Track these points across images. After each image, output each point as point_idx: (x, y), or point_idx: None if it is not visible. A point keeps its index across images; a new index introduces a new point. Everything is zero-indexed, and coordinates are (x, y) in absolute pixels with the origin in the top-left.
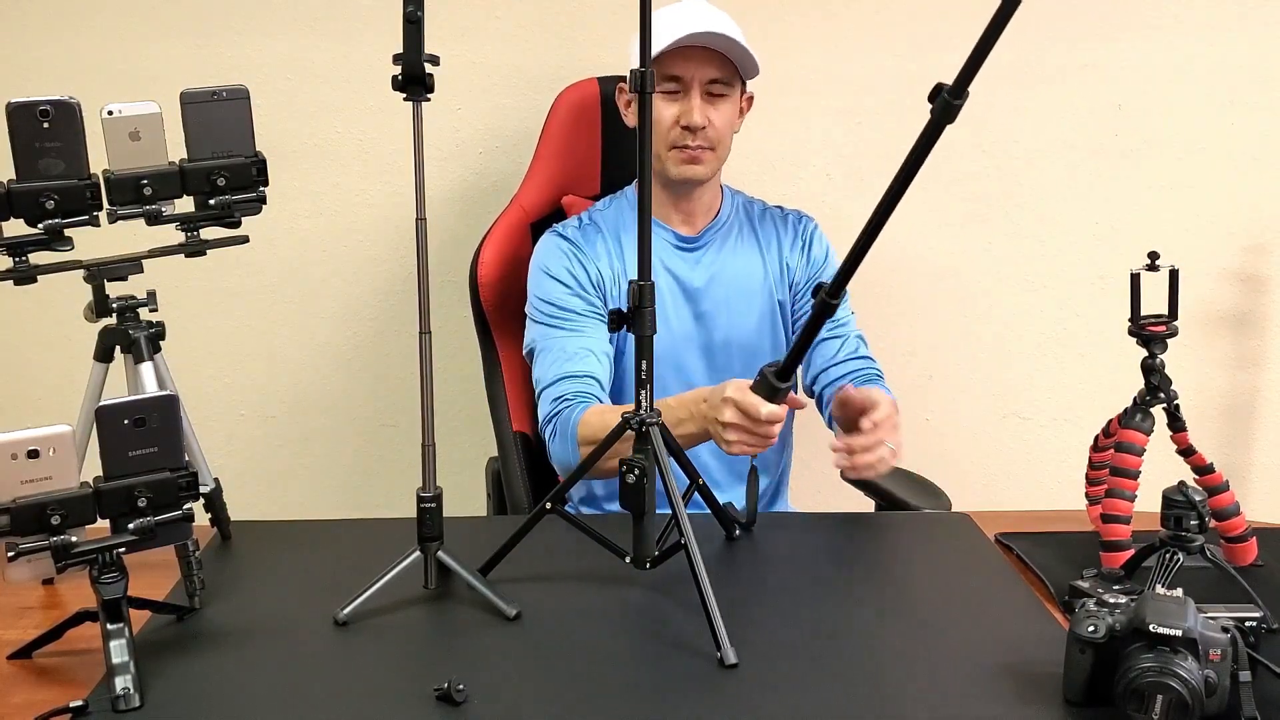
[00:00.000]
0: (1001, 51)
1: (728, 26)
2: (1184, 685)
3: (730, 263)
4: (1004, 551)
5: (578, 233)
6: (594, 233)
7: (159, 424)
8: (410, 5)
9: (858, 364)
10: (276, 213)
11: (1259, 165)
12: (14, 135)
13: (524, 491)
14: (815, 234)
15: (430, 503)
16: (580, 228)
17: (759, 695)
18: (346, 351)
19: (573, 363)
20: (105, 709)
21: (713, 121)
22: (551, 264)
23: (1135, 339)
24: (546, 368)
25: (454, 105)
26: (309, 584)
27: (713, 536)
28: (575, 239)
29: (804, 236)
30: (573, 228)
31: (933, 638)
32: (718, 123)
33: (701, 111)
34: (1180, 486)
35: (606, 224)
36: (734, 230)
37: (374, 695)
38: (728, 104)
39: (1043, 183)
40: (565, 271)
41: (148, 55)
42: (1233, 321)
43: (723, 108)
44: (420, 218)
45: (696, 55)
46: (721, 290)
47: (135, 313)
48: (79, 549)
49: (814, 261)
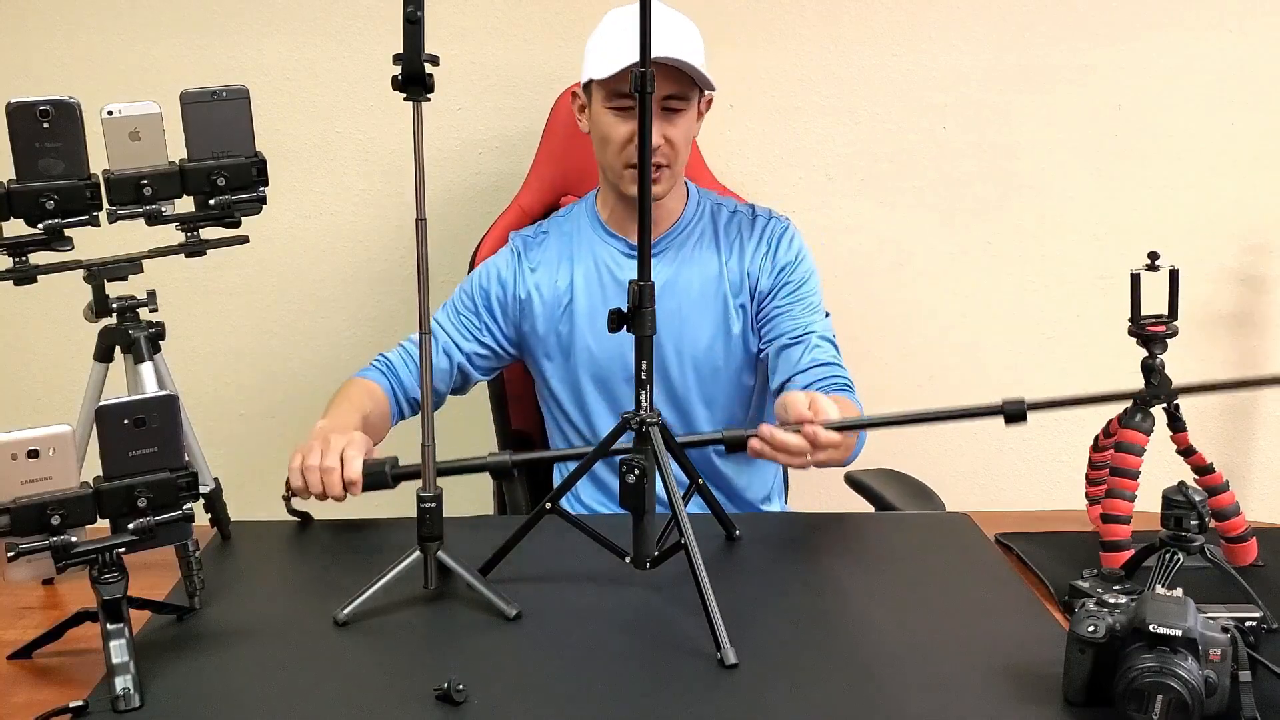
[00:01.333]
0: (1002, 51)
1: (683, 44)
2: (1184, 685)
3: (684, 271)
4: (1004, 551)
5: (531, 240)
6: (545, 241)
7: (159, 424)
8: (410, 5)
9: (822, 371)
10: (276, 213)
11: (1259, 165)
12: (14, 135)
13: (523, 492)
14: (784, 235)
15: (430, 503)
16: (535, 235)
17: (759, 695)
18: (346, 351)
19: (405, 352)
20: (105, 709)
21: (670, 139)
22: (490, 261)
23: (1135, 339)
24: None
25: (454, 105)
26: (309, 584)
27: (713, 537)
28: (520, 249)
29: (770, 239)
30: (528, 235)
31: (932, 638)
32: (676, 138)
33: (657, 130)
34: (1180, 487)
35: (561, 232)
36: (692, 237)
37: (374, 695)
38: (684, 117)
39: (1043, 183)
40: (491, 277)
41: (148, 55)
42: (1233, 321)
43: (680, 122)
44: (420, 218)
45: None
46: (673, 300)
47: (135, 313)
48: (79, 549)
49: (781, 265)
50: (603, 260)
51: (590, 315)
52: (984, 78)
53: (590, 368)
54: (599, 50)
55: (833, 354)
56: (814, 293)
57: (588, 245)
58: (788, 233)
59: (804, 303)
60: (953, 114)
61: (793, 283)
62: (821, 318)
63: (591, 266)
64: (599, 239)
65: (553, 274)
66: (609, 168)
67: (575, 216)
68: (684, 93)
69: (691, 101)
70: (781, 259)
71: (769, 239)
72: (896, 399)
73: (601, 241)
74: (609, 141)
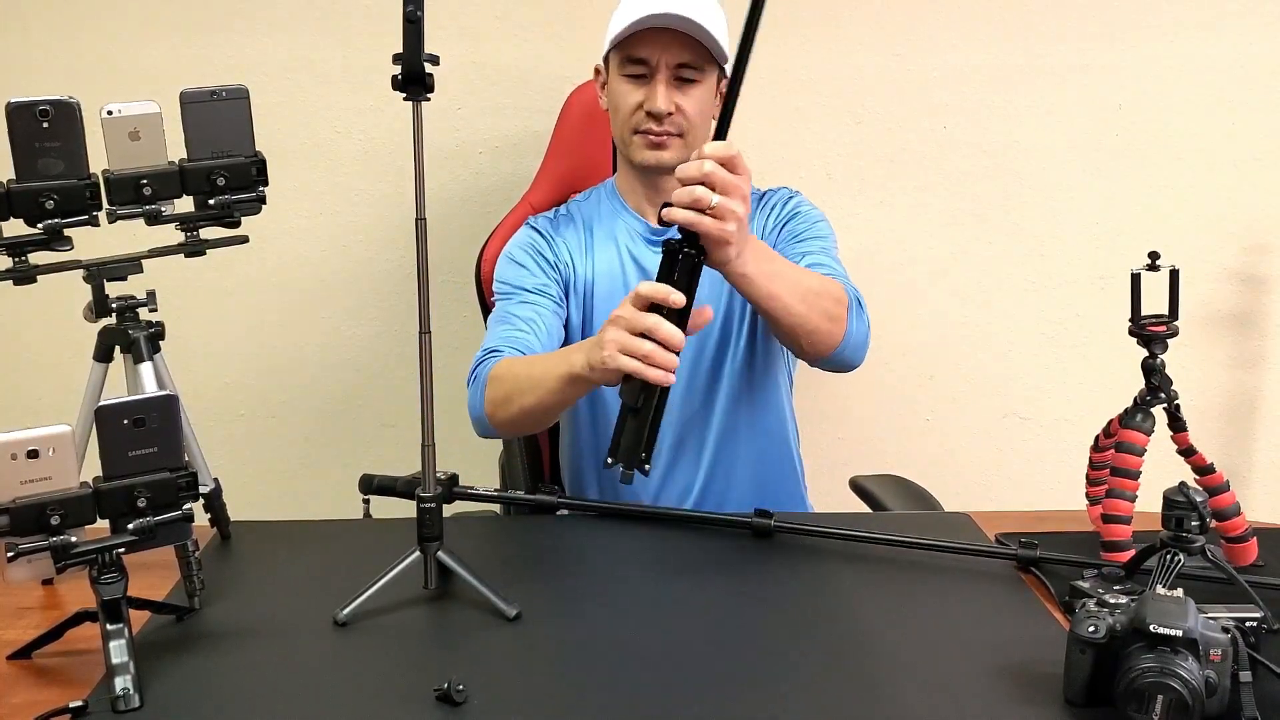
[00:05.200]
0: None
1: (697, 8)
2: (1184, 686)
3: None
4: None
5: (550, 223)
6: (567, 222)
7: (159, 424)
8: (410, 5)
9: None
10: (276, 213)
11: (1259, 165)
12: (14, 135)
13: (527, 486)
14: (786, 199)
15: (430, 503)
16: (554, 218)
17: (759, 695)
18: (346, 351)
19: (513, 326)
20: (105, 709)
21: (682, 108)
22: (515, 250)
23: (1136, 339)
24: (492, 331)
25: (455, 105)
26: (309, 584)
27: (713, 536)
28: (544, 228)
29: (774, 205)
30: (546, 219)
31: (933, 638)
32: (688, 109)
33: (667, 97)
34: (1181, 487)
35: (581, 214)
36: None
37: (374, 695)
38: (700, 89)
39: (1043, 183)
40: (526, 254)
41: (148, 55)
42: (1233, 321)
43: (694, 93)
44: (420, 218)
45: (664, 38)
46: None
47: (135, 313)
48: (78, 549)
49: (781, 220)
50: (623, 241)
51: (610, 298)
52: (984, 78)
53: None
54: (618, 19)
55: (828, 262)
56: (820, 236)
57: (608, 224)
58: (793, 198)
59: (808, 242)
60: (953, 114)
61: (794, 230)
62: (827, 253)
63: (613, 246)
64: (620, 219)
65: (579, 249)
66: (620, 138)
67: (596, 199)
68: (699, 63)
69: (706, 75)
70: (782, 216)
71: (771, 206)
72: (896, 399)
73: (622, 222)
74: (619, 109)
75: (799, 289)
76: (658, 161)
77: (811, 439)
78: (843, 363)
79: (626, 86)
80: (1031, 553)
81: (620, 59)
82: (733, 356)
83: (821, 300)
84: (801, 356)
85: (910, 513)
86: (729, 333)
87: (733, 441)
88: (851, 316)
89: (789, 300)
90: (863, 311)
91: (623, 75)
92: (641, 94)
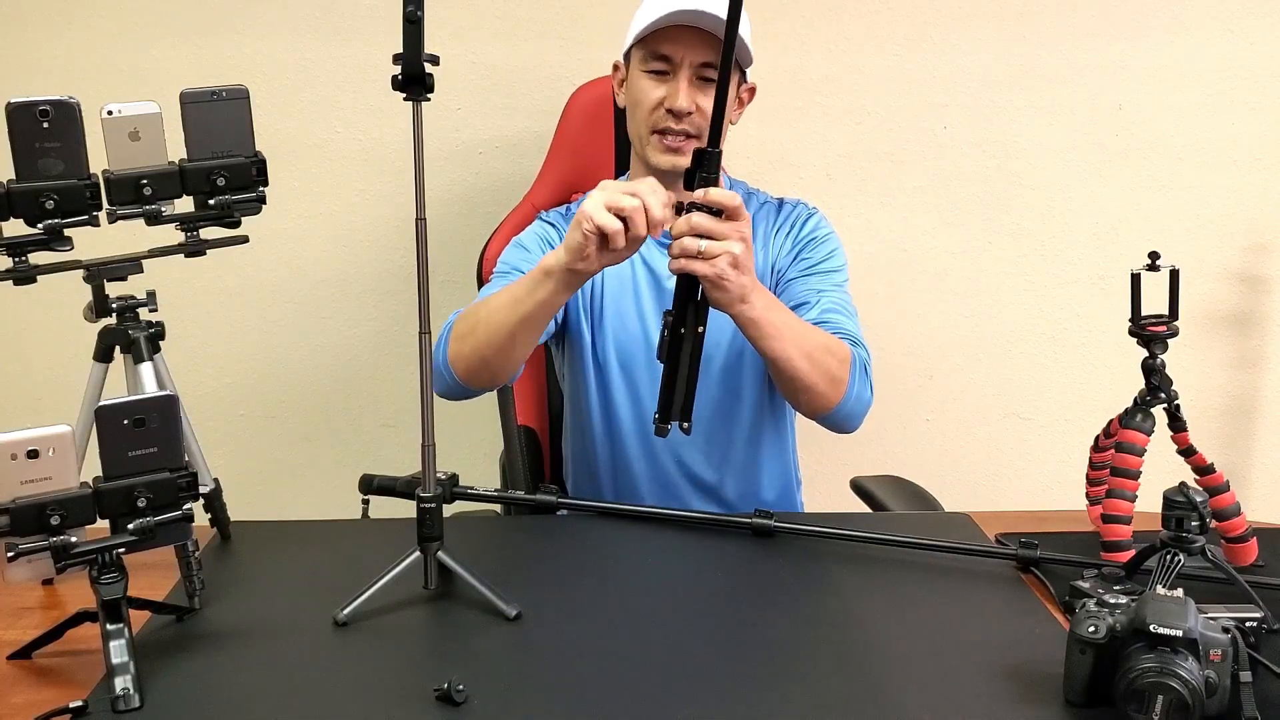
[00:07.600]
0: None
1: (724, 8)
2: (1184, 686)
3: None
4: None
5: (561, 218)
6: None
7: (159, 424)
8: (410, 5)
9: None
10: (276, 213)
11: (1259, 165)
12: (14, 135)
13: (527, 486)
14: (807, 218)
15: (430, 503)
16: (565, 214)
17: (759, 695)
18: (346, 351)
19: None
20: (105, 709)
21: (701, 108)
22: (525, 237)
23: (1135, 339)
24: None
25: (454, 105)
26: (309, 584)
27: (713, 536)
28: (555, 221)
29: (794, 222)
30: (558, 213)
31: (933, 637)
32: (709, 109)
33: (689, 96)
34: (1181, 487)
35: None
36: None
37: (374, 695)
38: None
39: (1043, 183)
40: (535, 242)
41: (148, 55)
42: (1233, 321)
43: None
44: (420, 218)
45: (688, 36)
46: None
47: (135, 313)
48: (79, 549)
49: (799, 242)
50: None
51: (617, 297)
52: (984, 78)
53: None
54: (642, 14)
55: (842, 317)
56: (834, 271)
57: None
58: (812, 217)
59: (822, 277)
60: (953, 114)
61: (810, 259)
62: (840, 293)
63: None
64: None
65: None
66: (638, 135)
67: None
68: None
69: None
70: (800, 237)
71: (790, 222)
72: (896, 399)
73: None
74: (639, 105)
75: (805, 344)
76: (673, 166)
77: (812, 439)
78: (837, 425)
79: (648, 83)
80: (1031, 553)
81: (643, 55)
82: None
83: (826, 360)
84: (798, 409)
85: (910, 513)
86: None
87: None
88: (853, 381)
89: (793, 353)
90: (867, 379)
91: (645, 71)
92: (663, 91)
